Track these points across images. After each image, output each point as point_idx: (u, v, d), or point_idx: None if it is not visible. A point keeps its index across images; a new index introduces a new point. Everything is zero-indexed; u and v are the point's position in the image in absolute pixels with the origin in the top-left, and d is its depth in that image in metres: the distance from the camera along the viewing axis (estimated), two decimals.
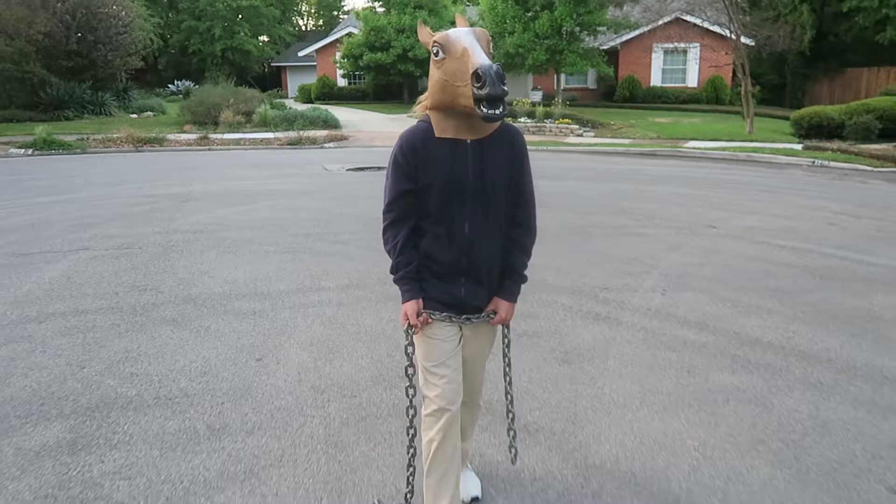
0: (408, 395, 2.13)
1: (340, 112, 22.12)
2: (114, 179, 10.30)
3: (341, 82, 31.48)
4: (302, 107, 23.12)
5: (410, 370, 2.12)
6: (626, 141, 16.40)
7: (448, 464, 2.08)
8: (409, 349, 2.11)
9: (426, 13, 25.20)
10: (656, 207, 7.85)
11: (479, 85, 1.71)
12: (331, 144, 16.15)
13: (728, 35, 27.87)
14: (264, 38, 43.78)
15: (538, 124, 18.60)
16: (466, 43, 1.80)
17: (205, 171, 11.35)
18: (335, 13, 54.84)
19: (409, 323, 2.03)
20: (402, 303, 2.03)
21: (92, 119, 19.20)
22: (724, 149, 14.24)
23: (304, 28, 55.53)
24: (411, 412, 2.14)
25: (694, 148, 14.66)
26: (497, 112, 1.74)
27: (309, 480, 2.48)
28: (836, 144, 14.17)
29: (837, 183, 10.39)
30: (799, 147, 14.11)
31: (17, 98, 18.42)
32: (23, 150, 14.17)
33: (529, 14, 22.50)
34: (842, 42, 29.71)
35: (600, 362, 3.52)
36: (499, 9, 22.42)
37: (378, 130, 18.66)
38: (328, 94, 30.59)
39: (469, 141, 1.94)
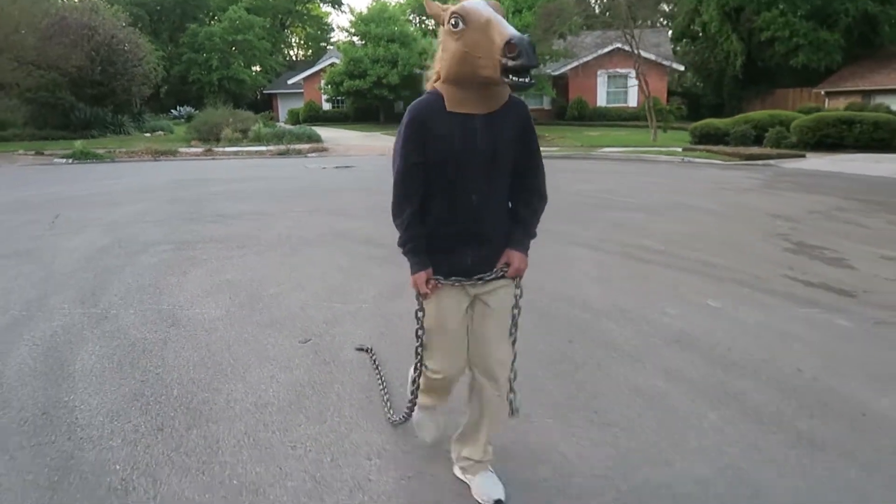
0: (417, 354, 2.19)
1: (324, 131, 25.86)
2: (149, 174, 13.91)
3: (326, 106, 35.45)
4: (290, 127, 26.89)
5: (420, 332, 2.15)
6: (554, 148, 20.12)
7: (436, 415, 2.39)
8: (420, 314, 2.13)
9: (398, 46, 29.17)
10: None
11: (513, 55, 1.69)
12: (313, 154, 19.79)
13: (662, 64, 32.06)
14: (257, 67, 47.77)
15: None
16: (488, 14, 1.78)
17: (212, 171, 14.97)
18: (322, 44, 59.06)
19: (418, 292, 2.07)
20: (412, 274, 2.05)
21: (113, 137, 22.87)
22: (624, 152, 17.99)
23: (294, 58, 59.67)
24: (419, 370, 2.22)
25: (603, 152, 18.40)
26: (527, 80, 1.74)
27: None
28: (713, 147, 17.92)
29: (677, 169, 14.17)
30: (680, 149, 17.89)
31: (52, 120, 22.12)
32: (64, 160, 17.73)
33: None
34: (768, 66, 33.84)
35: None
36: None
37: (354, 144, 22.38)
38: (314, 116, 34.47)
39: (480, 115, 1.93)
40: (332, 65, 32.45)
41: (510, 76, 1.72)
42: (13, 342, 3.74)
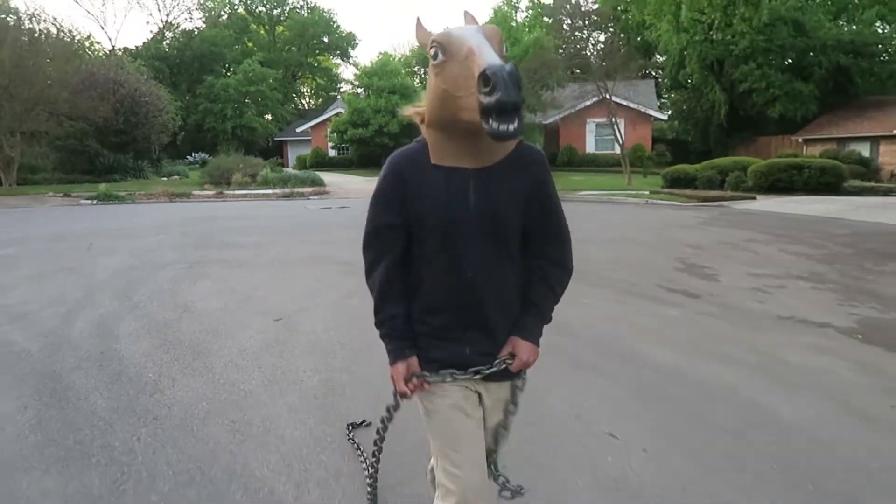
0: (373, 463, 1.95)
1: (328, 176, 27.80)
2: (165, 213, 15.67)
3: (332, 153, 37.63)
4: (296, 172, 28.87)
5: (382, 432, 1.86)
6: None
7: None
8: (392, 410, 1.80)
9: (398, 97, 31.36)
10: None
11: (487, 90, 1.30)
12: (315, 197, 21.61)
13: (646, 113, 34.02)
14: (269, 116, 50.40)
15: None
16: (473, 42, 1.39)
17: (221, 211, 16.73)
18: (332, 94, 61.99)
19: (396, 390, 1.68)
20: (390, 364, 1.67)
21: (133, 181, 24.87)
22: (598, 195, 19.66)
23: (305, 106, 62.57)
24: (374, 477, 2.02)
25: (580, 195, 20.07)
26: (510, 128, 1.33)
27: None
28: (678, 190, 19.55)
29: (639, 210, 15.79)
30: (647, 192, 19.52)
31: (78, 166, 24.23)
32: (90, 201, 19.62)
33: None
34: (750, 115, 35.79)
35: None
36: None
37: (354, 188, 24.22)
38: (320, 162, 36.60)
39: (472, 169, 1.56)
40: (337, 114, 34.76)
41: (490, 120, 1.33)
42: (73, 321, 5.32)
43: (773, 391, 3.74)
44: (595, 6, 40.06)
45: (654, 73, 43.70)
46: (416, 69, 48.84)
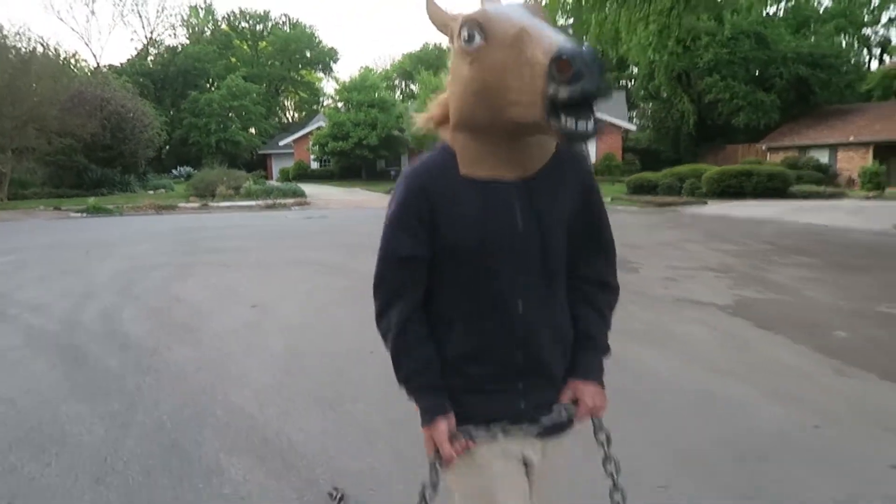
0: None
1: (309, 187, 28.80)
2: (153, 224, 16.61)
3: (314, 165, 38.71)
4: (278, 184, 29.88)
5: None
6: None
7: None
8: (434, 489, 1.37)
9: (377, 110, 32.52)
10: None
11: (566, 77, 1.03)
12: (296, 207, 22.61)
13: (617, 124, 35.35)
14: (252, 130, 51.37)
15: None
16: (525, 20, 1.12)
17: (206, 221, 17.70)
18: (315, 107, 63.10)
19: (436, 453, 1.32)
20: (423, 425, 1.33)
21: (120, 194, 25.74)
22: None
23: (290, 120, 63.60)
24: None
25: None
26: (588, 126, 1.07)
27: None
28: (637, 197, 20.77)
29: None
30: (609, 199, 20.73)
31: (67, 180, 25.10)
32: (79, 214, 20.50)
33: None
34: (717, 124, 37.29)
35: None
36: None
37: (333, 199, 25.26)
38: (303, 174, 37.64)
39: (515, 181, 1.29)
40: (318, 128, 35.86)
41: (562, 117, 1.06)
42: (82, 310, 6.31)
43: (656, 354, 4.79)
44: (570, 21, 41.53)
45: (625, 85, 45.15)
46: (396, 82, 50.13)
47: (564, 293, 1.43)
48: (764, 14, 35.98)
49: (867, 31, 42.22)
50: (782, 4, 38.34)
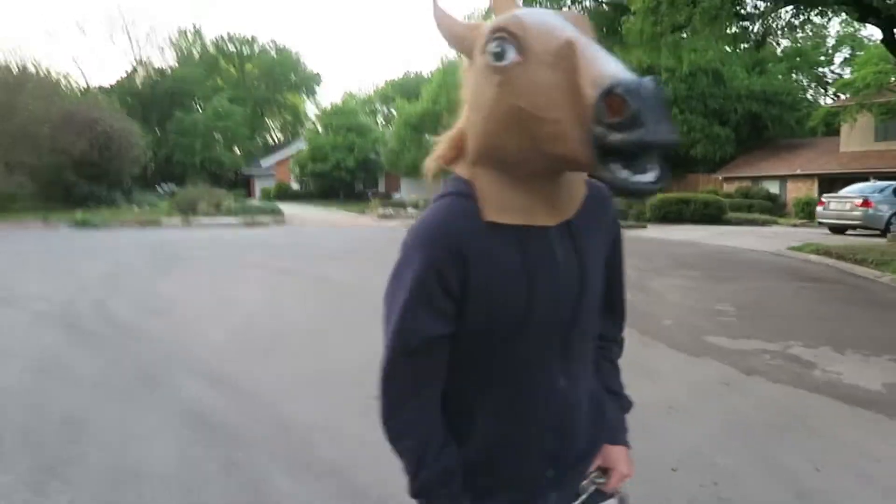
0: None
1: (289, 207, 30.33)
2: (138, 237, 18.01)
3: (295, 186, 40.32)
4: (258, 203, 31.39)
5: None
6: None
7: None
8: None
9: (355, 134, 34.26)
10: None
11: (619, 121, 0.77)
12: (273, 225, 24.12)
13: None
14: (236, 149, 52.90)
15: None
16: (569, 33, 0.87)
17: (187, 235, 19.13)
18: (299, 128, 64.88)
19: None
20: None
21: (106, 209, 27.07)
22: None
23: (275, 141, 65.22)
24: None
25: None
26: (652, 180, 0.82)
27: None
28: None
29: None
30: None
31: (55, 195, 26.43)
32: (69, 228, 21.86)
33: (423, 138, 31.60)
34: (678, 155, 39.32)
35: None
36: (401, 133, 31.46)
37: (310, 218, 26.81)
38: (284, 194, 39.20)
39: (551, 228, 1.02)
40: (299, 151, 37.57)
41: (612, 166, 0.82)
42: (78, 300, 7.77)
43: None
44: None
45: None
46: (378, 107, 52.02)
47: (592, 363, 1.20)
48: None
49: (824, 69, 44.89)
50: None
